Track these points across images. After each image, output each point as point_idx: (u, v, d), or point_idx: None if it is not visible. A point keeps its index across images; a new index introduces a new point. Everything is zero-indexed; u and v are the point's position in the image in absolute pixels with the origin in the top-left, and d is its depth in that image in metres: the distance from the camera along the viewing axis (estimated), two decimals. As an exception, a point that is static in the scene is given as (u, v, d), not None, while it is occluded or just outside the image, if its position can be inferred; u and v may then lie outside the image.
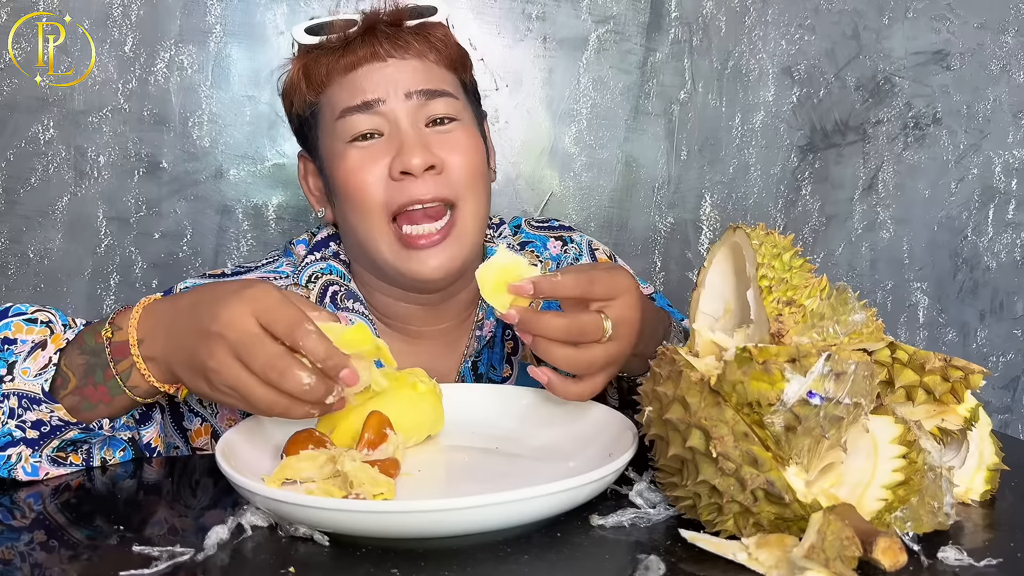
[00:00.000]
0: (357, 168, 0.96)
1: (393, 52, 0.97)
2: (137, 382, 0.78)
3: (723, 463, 0.61)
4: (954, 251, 1.65)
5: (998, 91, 1.62)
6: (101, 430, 0.81)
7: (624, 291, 0.79)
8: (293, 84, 1.01)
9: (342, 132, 0.97)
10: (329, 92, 0.99)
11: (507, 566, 0.61)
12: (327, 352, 0.69)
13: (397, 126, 0.96)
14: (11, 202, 1.44)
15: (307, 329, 0.68)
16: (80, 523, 0.75)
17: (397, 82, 0.97)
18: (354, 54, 0.97)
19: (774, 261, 0.69)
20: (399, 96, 0.96)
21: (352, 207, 0.98)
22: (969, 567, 0.60)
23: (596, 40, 1.54)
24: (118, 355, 0.78)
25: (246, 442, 0.78)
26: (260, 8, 1.46)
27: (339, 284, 1.05)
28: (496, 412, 0.88)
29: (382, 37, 0.97)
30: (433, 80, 0.98)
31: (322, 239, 1.08)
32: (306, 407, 0.70)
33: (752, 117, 1.58)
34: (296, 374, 0.68)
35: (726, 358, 0.63)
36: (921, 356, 0.66)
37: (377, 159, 0.96)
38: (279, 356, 0.68)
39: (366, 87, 0.96)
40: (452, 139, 0.98)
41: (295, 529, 0.65)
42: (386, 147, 0.96)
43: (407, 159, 0.93)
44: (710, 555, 0.62)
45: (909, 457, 0.63)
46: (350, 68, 0.97)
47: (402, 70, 0.97)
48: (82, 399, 0.79)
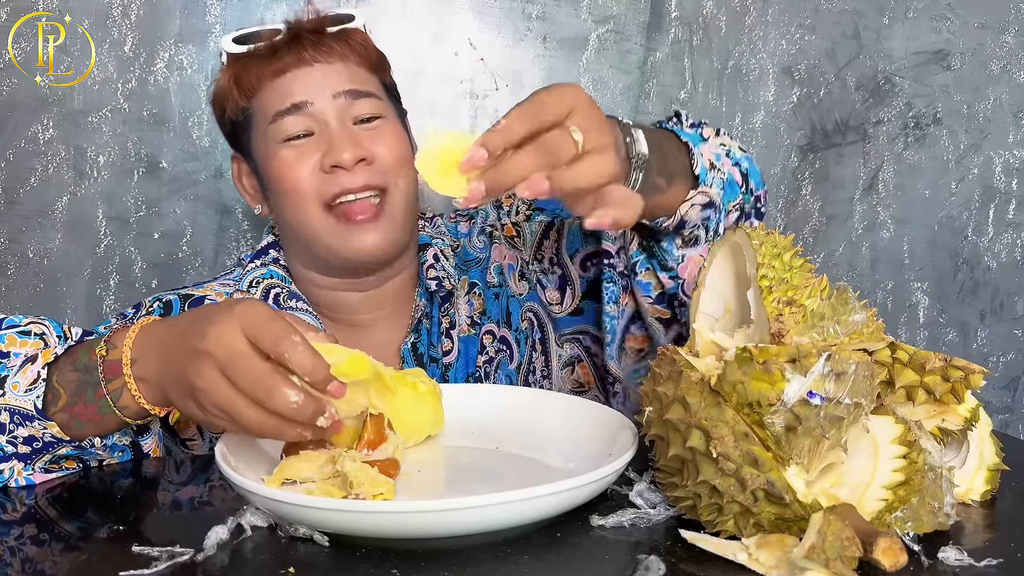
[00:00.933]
0: (290, 165, 1.02)
1: (318, 57, 1.03)
2: (127, 403, 0.77)
3: (723, 463, 0.61)
4: (954, 251, 1.65)
5: (998, 91, 1.62)
6: (93, 448, 0.80)
7: (573, 97, 0.71)
8: (225, 91, 1.07)
9: (275, 134, 1.03)
10: (260, 97, 1.04)
11: (507, 566, 0.61)
12: (314, 365, 0.67)
13: (326, 125, 1.02)
14: (11, 202, 1.44)
15: (293, 341, 0.67)
16: (80, 523, 0.75)
17: (324, 85, 1.03)
18: (281, 60, 1.03)
19: (774, 261, 0.69)
20: (327, 97, 1.02)
21: (287, 200, 1.03)
22: (969, 567, 0.60)
23: (596, 40, 1.54)
24: (110, 374, 0.77)
25: (246, 442, 0.78)
26: (260, 8, 1.46)
27: (280, 286, 1.09)
28: (496, 412, 0.88)
29: (307, 43, 1.03)
30: (357, 81, 1.05)
31: (262, 248, 1.13)
32: (297, 428, 0.68)
33: (752, 117, 1.58)
34: (283, 392, 0.66)
35: (726, 358, 0.63)
36: (921, 356, 0.66)
37: (308, 155, 1.01)
38: (266, 374, 0.67)
39: (295, 90, 1.02)
40: (379, 134, 1.04)
41: (295, 529, 0.65)
42: (316, 145, 1.02)
43: (338, 153, 0.99)
44: (710, 555, 0.62)
45: (909, 457, 0.62)
46: (279, 73, 1.03)
47: (328, 73, 1.03)
48: (72, 416, 0.78)
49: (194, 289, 1.10)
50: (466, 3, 1.51)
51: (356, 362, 0.73)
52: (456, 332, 1.11)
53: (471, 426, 0.86)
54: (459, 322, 1.11)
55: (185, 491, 0.85)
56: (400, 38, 1.49)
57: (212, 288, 1.10)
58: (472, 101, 1.52)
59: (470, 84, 1.51)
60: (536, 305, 1.14)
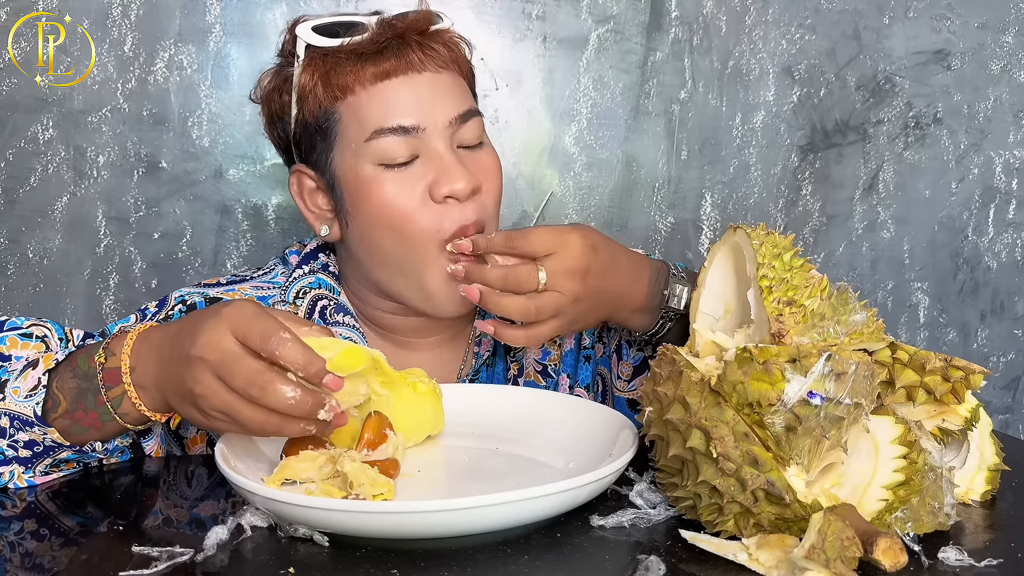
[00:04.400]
0: (395, 197, 0.91)
1: (427, 64, 0.92)
2: (128, 410, 0.76)
3: (723, 463, 0.61)
4: (954, 251, 1.65)
5: (999, 91, 1.62)
6: (94, 452, 0.80)
7: (564, 245, 0.84)
8: (308, 89, 0.93)
9: (374, 153, 0.91)
10: (353, 102, 0.92)
11: (507, 566, 0.61)
12: (306, 359, 0.66)
13: (434, 148, 0.92)
14: (11, 202, 1.44)
15: (282, 337, 0.66)
16: (79, 523, 0.75)
17: (436, 106, 0.92)
18: (387, 61, 0.91)
19: (774, 261, 0.69)
20: (439, 124, 0.92)
21: (395, 236, 0.92)
22: (969, 567, 0.60)
23: (596, 40, 1.54)
24: (110, 382, 0.76)
25: (246, 442, 0.78)
26: (260, 8, 1.46)
27: (328, 298, 1.02)
28: (496, 412, 0.88)
29: (414, 45, 0.92)
30: (464, 99, 0.95)
31: (311, 251, 1.05)
32: (299, 424, 0.68)
33: (752, 117, 1.58)
34: (278, 388, 0.66)
35: (726, 358, 0.63)
36: (922, 356, 0.66)
37: (415, 183, 0.91)
38: (259, 372, 0.66)
39: (402, 106, 0.91)
40: (483, 161, 0.95)
41: (295, 529, 0.65)
42: (423, 171, 0.92)
43: (452, 183, 0.90)
44: (710, 556, 0.62)
45: (910, 457, 0.62)
46: (381, 77, 0.91)
47: (437, 87, 0.93)
48: (73, 423, 0.78)
49: (224, 292, 1.01)
50: (466, 3, 1.51)
51: (351, 354, 0.72)
52: (523, 380, 1.05)
53: (471, 426, 0.86)
54: (527, 367, 1.06)
55: (185, 491, 0.84)
56: (400, 38, 1.49)
57: (243, 291, 1.02)
58: (472, 101, 1.52)
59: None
60: (606, 370, 1.08)
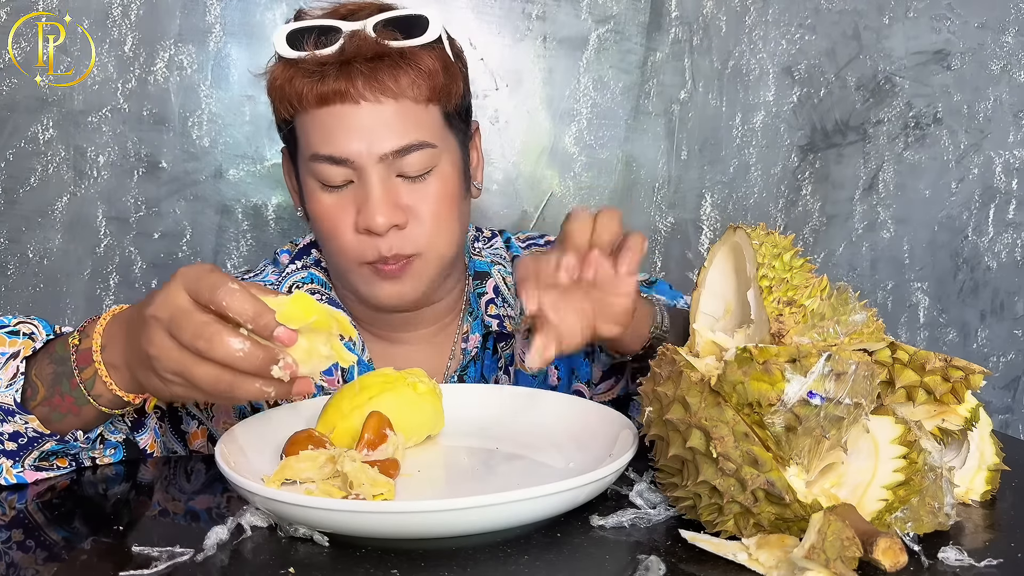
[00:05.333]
0: (328, 215, 0.96)
1: (367, 95, 0.92)
2: (100, 391, 0.76)
3: (723, 463, 0.61)
4: (954, 251, 1.65)
5: (998, 91, 1.62)
6: (76, 442, 0.80)
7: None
8: (273, 91, 0.97)
9: (314, 172, 0.96)
10: (302, 119, 0.95)
11: (507, 566, 0.61)
12: (255, 310, 0.65)
13: (367, 179, 0.93)
14: (11, 202, 1.44)
15: (230, 288, 0.65)
16: (80, 523, 0.75)
17: (371, 141, 0.92)
18: (327, 86, 0.92)
19: (774, 261, 0.69)
20: (372, 157, 0.93)
21: (325, 245, 0.99)
22: (969, 567, 0.60)
23: (596, 40, 1.54)
24: (83, 363, 0.75)
25: (246, 443, 0.78)
26: (260, 8, 1.46)
27: (321, 293, 1.05)
28: (496, 412, 0.88)
29: (357, 75, 0.92)
30: (409, 132, 0.94)
31: (304, 247, 1.08)
32: (254, 382, 0.66)
33: (752, 117, 1.58)
34: (226, 339, 0.65)
35: (726, 358, 0.63)
36: (921, 356, 0.66)
37: (346, 208, 0.95)
38: (206, 324, 0.65)
39: (337, 137, 0.93)
40: (421, 192, 0.96)
41: (295, 529, 0.65)
42: (354, 195, 0.95)
43: (371, 219, 0.92)
44: (710, 556, 0.62)
45: (910, 457, 0.62)
46: (322, 101, 0.93)
47: (376, 120, 0.93)
48: (51, 409, 0.77)
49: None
50: (466, 3, 1.51)
51: (299, 301, 0.68)
52: (513, 368, 1.07)
53: (471, 426, 0.86)
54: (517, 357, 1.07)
55: (185, 491, 0.84)
56: (400, 38, 1.49)
57: None
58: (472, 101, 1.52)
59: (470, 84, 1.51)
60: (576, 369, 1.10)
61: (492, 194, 1.54)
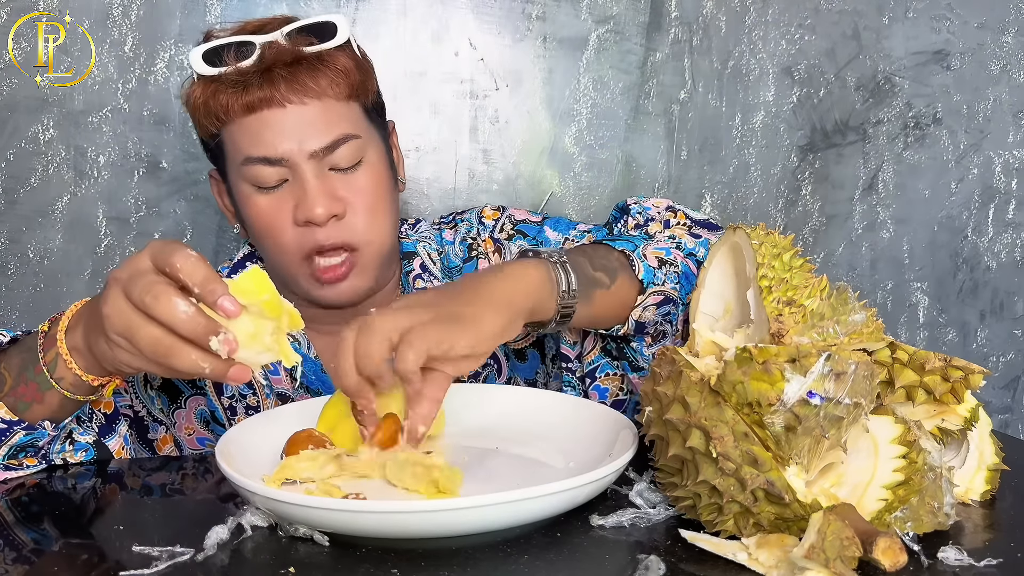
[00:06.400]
0: (265, 215, 1.00)
1: (291, 97, 0.97)
2: (63, 373, 0.77)
3: (723, 463, 0.61)
4: (954, 251, 1.65)
5: (998, 91, 1.62)
6: (44, 430, 0.81)
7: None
8: (195, 108, 1.00)
9: (247, 177, 0.99)
10: (230, 129, 0.99)
11: (507, 566, 0.61)
12: (205, 275, 0.66)
13: (301, 175, 0.98)
14: (11, 202, 1.44)
15: (186, 252, 0.66)
16: (80, 522, 0.75)
17: (300, 139, 0.97)
18: (252, 95, 0.96)
19: (774, 261, 0.69)
20: (303, 155, 0.97)
21: (266, 247, 1.03)
22: (969, 567, 0.60)
23: (596, 40, 1.54)
24: (48, 346, 0.78)
25: (246, 442, 0.78)
26: (260, 8, 1.46)
27: None
28: (496, 412, 0.88)
29: (279, 80, 0.96)
30: (334, 127, 0.98)
31: (239, 260, 1.12)
32: (192, 353, 0.66)
33: (752, 117, 1.58)
34: (172, 298, 0.65)
35: (726, 358, 0.63)
36: (921, 356, 0.66)
37: (283, 206, 0.99)
38: (156, 282, 0.66)
39: (267, 139, 0.97)
40: (354, 183, 1.00)
41: (295, 529, 0.65)
42: (290, 193, 0.99)
43: (309, 210, 0.97)
44: (710, 555, 0.62)
45: (909, 457, 0.63)
46: (248, 110, 0.97)
47: (303, 119, 0.97)
48: (16, 399, 0.79)
49: None
50: (466, 3, 1.51)
51: (253, 276, 0.68)
52: None
53: (471, 426, 0.86)
54: None
55: (185, 491, 0.85)
56: (400, 38, 1.49)
57: None
58: (472, 101, 1.52)
59: (470, 84, 1.51)
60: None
61: (492, 194, 1.54)
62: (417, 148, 1.50)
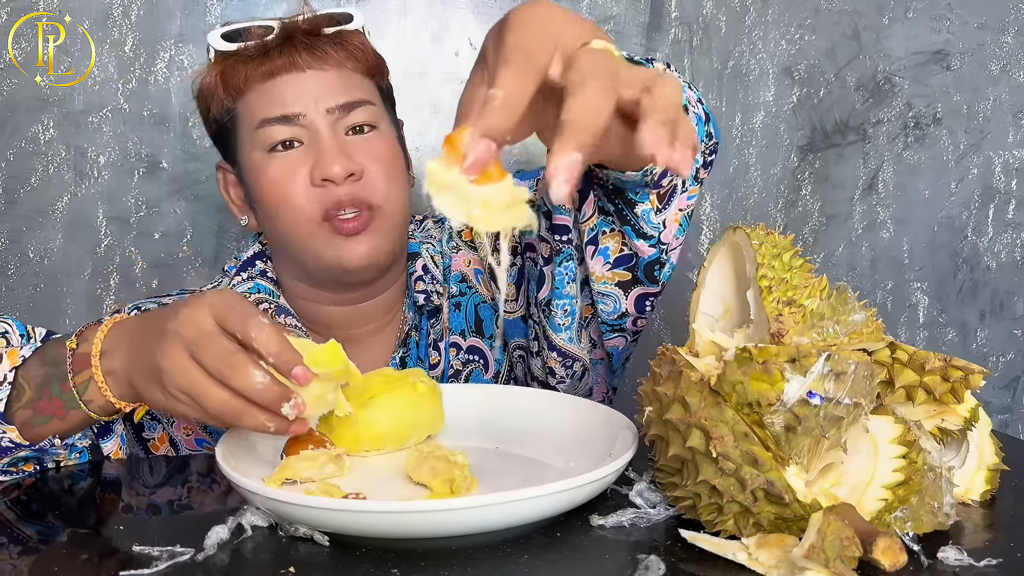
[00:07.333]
0: (279, 179, 0.97)
1: (312, 62, 0.98)
2: (93, 396, 0.76)
3: (723, 463, 0.61)
4: (954, 251, 1.65)
5: (998, 91, 1.62)
6: (54, 447, 0.80)
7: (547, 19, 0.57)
8: (210, 88, 1.01)
9: (261, 141, 0.98)
10: (247, 99, 0.99)
11: (507, 566, 0.61)
12: (280, 346, 0.67)
13: (317, 135, 0.97)
14: (11, 202, 1.44)
15: (261, 322, 0.67)
16: (81, 522, 0.75)
17: (317, 97, 0.97)
18: (272, 62, 0.97)
19: (774, 261, 0.69)
20: (320, 111, 0.97)
21: (278, 213, 0.99)
22: (969, 567, 0.60)
23: (596, 40, 1.54)
24: (78, 367, 0.76)
25: (246, 442, 0.78)
26: (260, 8, 1.46)
27: (268, 301, 1.06)
28: (496, 412, 0.88)
29: (300, 47, 0.98)
30: (352, 91, 0.99)
31: (247, 259, 1.10)
32: (260, 415, 0.68)
33: (752, 117, 1.58)
34: (249, 370, 0.66)
35: (726, 358, 0.63)
36: (921, 356, 0.66)
37: (297, 168, 0.97)
38: (232, 352, 0.67)
39: (286, 99, 0.97)
40: (371, 146, 0.99)
41: (295, 529, 0.65)
42: (306, 155, 0.97)
43: (327, 167, 0.95)
44: (710, 555, 0.62)
45: (909, 457, 0.63)
46: (268, 76, 0.98)
47: (321, 82, 0.98)
48: (35, 413, 0.77)
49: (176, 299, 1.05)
50: (466, 3, 1.51)
51: (330, 350, 0.72)
52: (443, 344, 1.08)
53: (471, 426, 0.86)
54: (446, 333, 1.09)
55: (185, 491, 0.85)
56: (401, 38, 1.49)
57: None
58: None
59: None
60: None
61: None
62: (417, 148, 1.50)
